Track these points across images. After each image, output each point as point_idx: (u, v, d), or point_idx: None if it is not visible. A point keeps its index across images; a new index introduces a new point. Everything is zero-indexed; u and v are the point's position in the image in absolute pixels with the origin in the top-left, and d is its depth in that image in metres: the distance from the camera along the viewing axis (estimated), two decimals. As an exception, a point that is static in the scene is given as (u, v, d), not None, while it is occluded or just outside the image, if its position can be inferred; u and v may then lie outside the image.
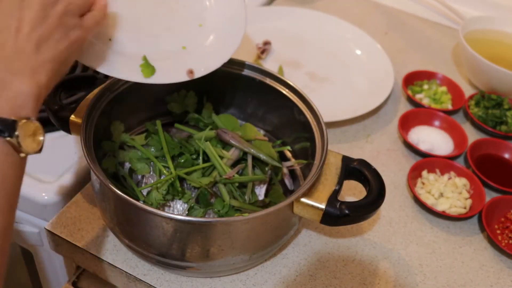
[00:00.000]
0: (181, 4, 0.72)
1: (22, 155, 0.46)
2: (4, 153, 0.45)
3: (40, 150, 0.48)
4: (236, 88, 0.79)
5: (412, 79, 1.04)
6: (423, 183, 0.83)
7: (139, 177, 0.70)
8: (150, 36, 0.69)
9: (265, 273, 0.69)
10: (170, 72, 0.67)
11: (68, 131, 0.69)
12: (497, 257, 0.75)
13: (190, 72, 0.68)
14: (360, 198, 0.62)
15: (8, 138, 0.44)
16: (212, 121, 0.77)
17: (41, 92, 0.49)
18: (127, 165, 0.71)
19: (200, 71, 0.68)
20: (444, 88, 1.02)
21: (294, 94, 0.74)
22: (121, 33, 0.65)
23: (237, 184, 0.68)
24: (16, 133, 0.44)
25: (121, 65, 0.64)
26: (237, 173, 0.68)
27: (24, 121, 0.46)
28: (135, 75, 0.64)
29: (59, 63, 0.51)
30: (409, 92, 1.01)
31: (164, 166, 0.68)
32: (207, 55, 0.71)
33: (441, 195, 0.81)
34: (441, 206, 0.79)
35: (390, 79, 1.01)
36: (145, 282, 0.66)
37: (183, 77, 0.68)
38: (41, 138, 0.48)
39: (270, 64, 1.04)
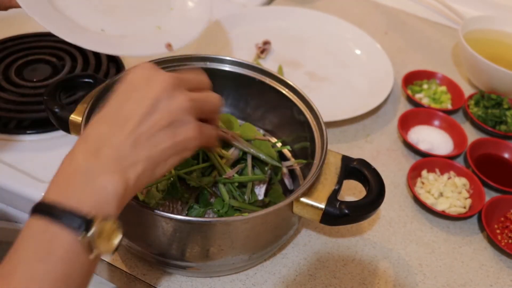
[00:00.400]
0: None
1: (91, 256, 0.42)
2: (76, 252, 0.41)
3: (113, 253, 0.44)
4: (236, 87, 0.79)
5: (412, 79, 1.04)
6: (423, 183, 0.83)
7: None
8: (128, 20, 0.80)
9: (264, 273, 0.69)
10: (150, 46, 0.76)
11: (67, 130, 0.69)
12: (497, 256, 0.75)
13: (169, 45, 0.76)
14: (360, 197, 0.62)
15: (80, 237, 0.41)
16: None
17: (126, 193, 0.45)
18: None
19: (178, 44, 0.77)
20: (443, 88, 1.02)
21: (293, 93, 0.74)
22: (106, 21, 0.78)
23: (236, 184, 0.68)
24: (91, 232, 0.41)
25: (110, 44, 0.74)
26: (237, 173, 0.68)
27: (102, 220, 0.42)
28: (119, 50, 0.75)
29: (153, 164, 0.47)
30: (409, 92, 1.01)
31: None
32: (181, 32, 0.80)
33: (441, 194, 0.81)
34: (441, 205, 0.79)
35: (389, 79, 1.01)
36: (144, 282, 0.66)
37: (163, 50, 0.76)
38: (117, 240, 0.44)
39: (269, 64, 1.04)
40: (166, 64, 0.74)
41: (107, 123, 0.47)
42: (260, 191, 0.71)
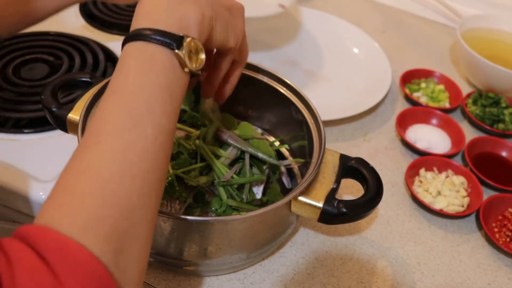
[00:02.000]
0: None
1: (186, 70, 0.49)
2: (172, 65, 0.47)
3: (201, 69, 0.51)
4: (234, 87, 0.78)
5: (410, 78, 1.04)
6: (421, 182, 0.83)
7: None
8: None
9: (263, 272, 0.69)
10: (264, 8, 0.84)
11: (65, 130, 0.68)
12: (495, 255, 0.75)
13: (281, 5, 0.87)
14: (358, 196, 0.62)
15: (176, 51, 0.47)
16: (210, 120, 0.77)
17: (203, 25, 0.51)
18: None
19: (287, 3, 0.87)
20: (441, 87, 1.03)
21: (291, 92, 0.74)
22: None
23: (236, 186, 0.68)
24: (183, 47, 0.47)
25: None
26: (235, 172, 0.68)
27: (190, 38, 0.48)
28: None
29: (213, 19, 0.53)
30: (407, 91, 1.01)
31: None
32: None
33: (439, 193, 0.81)
34: (439, 204, 0.79)
35: (387, 77, 1.01)
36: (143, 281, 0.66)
37: (277, 9, 0.86)
38: (203, 56, 0.51)
39: (267, 63, 1.04)
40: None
41: None
42: (258, 190, 0.71)
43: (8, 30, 0.76)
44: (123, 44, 0.49)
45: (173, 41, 0.47)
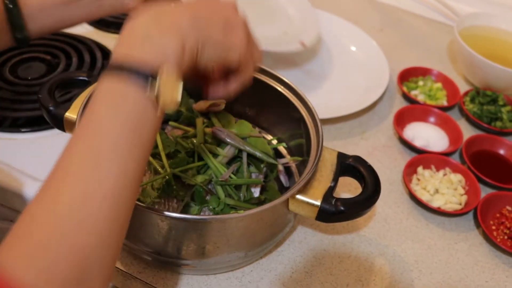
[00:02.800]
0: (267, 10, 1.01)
1: (159, 109, 0.46)
2: (144, 105, 0.45)
3: (175, 107, 0.48)
4: (231, 85, 0.78)
5: (407, 76, 1.04)
6: (419, 179, 0.83)
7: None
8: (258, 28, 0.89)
9: (260, 270, 0.69)
10: (286, 44, 0.88)
11: (62, 128, 0.68)
12: (492, 252, 0.75)
13: (302, 43, 0.89)
14: (356, 194, 0.62)
15: (149, 91, 0.45)
16: (208, 119, 0.76)
17: (184, 56, 0.48)
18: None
19: (309, 42, 0.91)
20: (439, 85, 1.03)
21: (289, 91, 0.74)
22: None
23: (233, 185, 0.68)
24: (156, 86, 0.45)
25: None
26: (233, 171, 0.68)
27: (165, 75, 0.46)
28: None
29: (201, 44, 0.51)
30: (404, 89, 1.01)
31: (159, 164, 0.68)
32: (302, 35, 0.94)
33: (437, 191, 0.81)
34: (437, 202, 0.79)
35: (385, 75, 1.01)
36: (140, 280, 0.66)
37: (298, 47, 0.89)
38: (179, 94, 0.48)
39: (264, 61, 1.03)
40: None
41: (174, 2, 0.52)
42: (256, 189, 0.70)
43: (39, 32, 0.76)
44: (102, 74, 0.47)
45: (146, 79, 0.45)
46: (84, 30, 1.05)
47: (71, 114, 0.67)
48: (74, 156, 0.43)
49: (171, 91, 0.46)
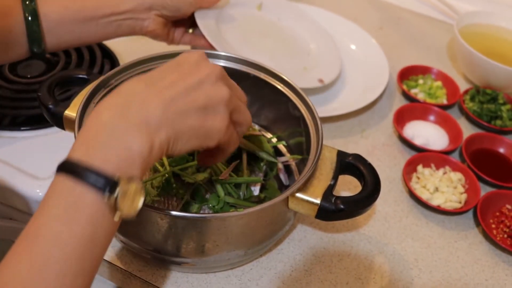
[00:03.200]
0: (291, 45, 1.01)
1: (116, 218, 0.43)
2: (101, 212, 0.42)
3: (135, 216, 0.44)
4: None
5: (407, 74, 1.04)
6: (418, 178, 0.83)
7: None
8: (278, 62, 0.93)
9: (260, 269, 0.69)
10: (304, 80, 0.89)
11: (62, 127, 0.68)
12: (492, 251, 0.75)
13: (321, 80, 0.92)
14: (355, 193, 0.62)
15: (107, 197, 0.41)
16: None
17: (150, 156, 0.44)
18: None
19: (327, 79, 0.93)
20: (439, 83, 1.03)
21: (289, 88, 0.74)
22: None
23: (233, 183, 0.68)
24: (116, 193, 0.41)
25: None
26: (232, 169, 0.68)
27: (126, 180, 0.42)
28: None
29: (176, 137, 0.47)
30: (404, 87, 1.01)
31: (159, 162, 0.68)
32: (321, 71, 0.95)
33: (436, 189, 0.81)
34: (436, 200, 0.79)
35: (385, 74, 1.01)
36: (140, 278, 0.66)
37: (316, 84, 0.91)
38: (140, 202, 0.44)
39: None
40: (163, 59, 0.73)
41: (145, 84, 0.47)
42: (256, 187, 0.70)
43: (56, 47, 0.76)
44: (57, 169, 0.43)
45: (105, 184, 0.41)
46: (83, 28, 1.05)
47: (70, 112, 0.67)
48: (15, 268, 0.40)
49: (131, 199, 0.43)
